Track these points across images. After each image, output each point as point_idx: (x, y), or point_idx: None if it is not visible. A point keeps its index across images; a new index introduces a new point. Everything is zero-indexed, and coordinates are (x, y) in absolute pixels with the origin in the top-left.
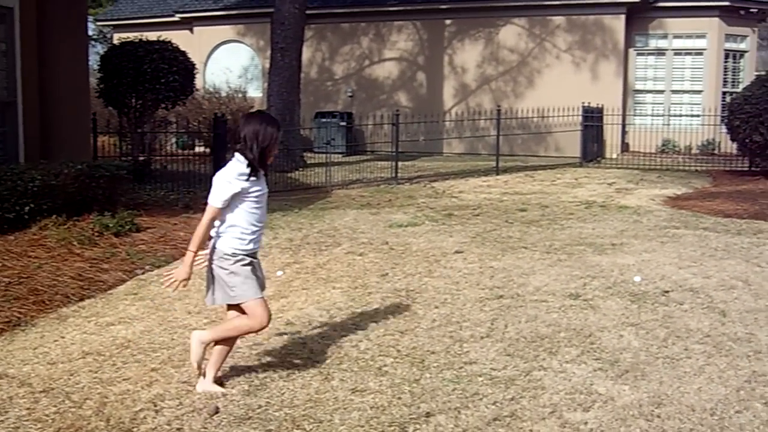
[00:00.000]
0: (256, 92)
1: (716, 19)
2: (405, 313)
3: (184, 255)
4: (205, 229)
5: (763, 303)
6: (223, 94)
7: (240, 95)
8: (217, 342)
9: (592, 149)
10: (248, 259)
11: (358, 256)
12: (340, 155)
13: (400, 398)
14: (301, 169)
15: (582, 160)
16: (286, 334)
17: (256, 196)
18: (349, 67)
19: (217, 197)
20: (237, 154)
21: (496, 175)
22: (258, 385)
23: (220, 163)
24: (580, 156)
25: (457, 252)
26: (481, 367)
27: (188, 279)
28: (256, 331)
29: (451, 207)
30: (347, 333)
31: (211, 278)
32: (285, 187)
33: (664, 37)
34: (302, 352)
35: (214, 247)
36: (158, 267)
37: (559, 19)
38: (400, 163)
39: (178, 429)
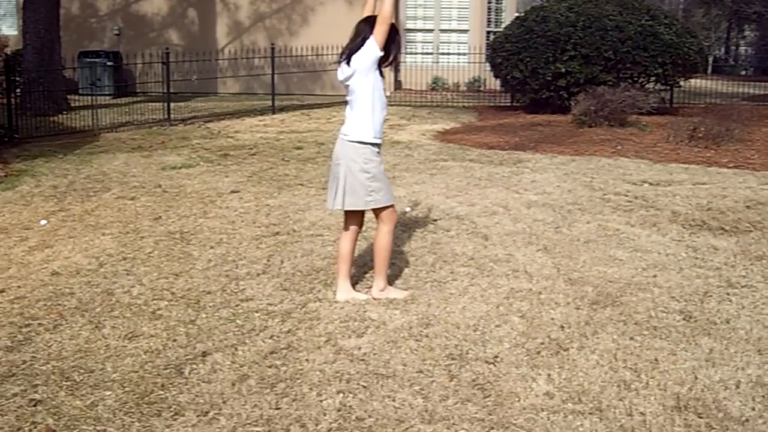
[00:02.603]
0: (10, 30)
1: None
2: (179, 256)
3: None
4: None
5: (520, 226)
6: None
7: None
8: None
9: None
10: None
11: (129, 201)
12: (108, 97)
13: (175, 340)
14: (65, 112)
15: None
16: (51, 284)
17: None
18: (115, 2)
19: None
20: None
21: (272, 114)
22: (22, 340)
23: None
24: None
25: (232, 192)
26: (257, 303)
27: None
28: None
29: (226, 147)
30: (118, 279)
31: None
32: (48, 132)
33: None
34: (70, 302)
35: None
36: None
37: None
38: (173, 104)
39: None
